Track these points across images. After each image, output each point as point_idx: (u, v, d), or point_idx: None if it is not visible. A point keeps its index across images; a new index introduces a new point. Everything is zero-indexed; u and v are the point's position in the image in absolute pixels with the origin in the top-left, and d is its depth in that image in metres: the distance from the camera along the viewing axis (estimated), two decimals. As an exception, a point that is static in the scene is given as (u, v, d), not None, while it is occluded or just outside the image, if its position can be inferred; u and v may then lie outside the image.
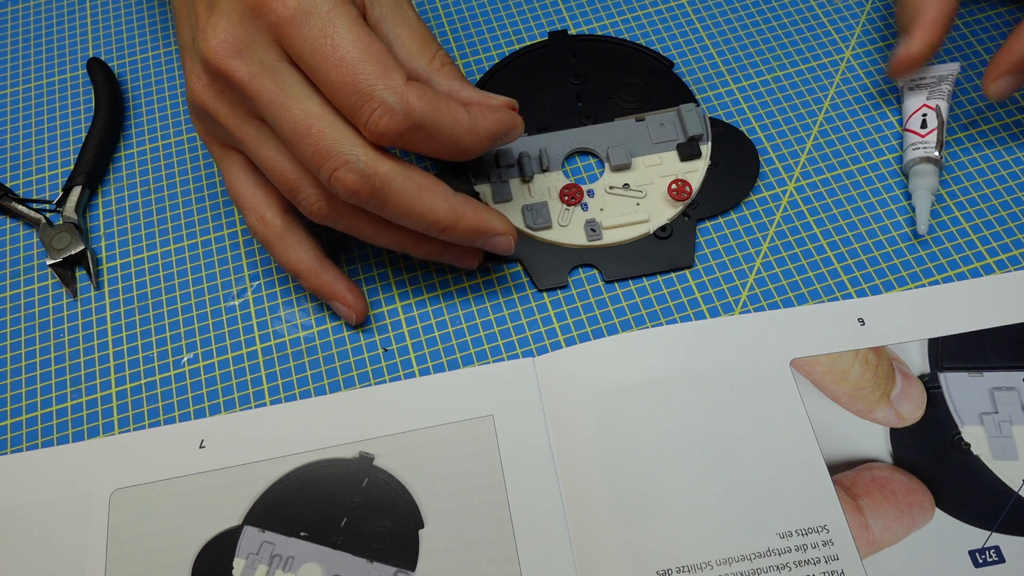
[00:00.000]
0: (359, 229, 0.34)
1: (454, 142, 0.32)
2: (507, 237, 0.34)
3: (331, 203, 0.33)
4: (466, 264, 0.36)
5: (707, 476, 0.32)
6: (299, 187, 0.32)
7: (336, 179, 0.30)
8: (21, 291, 0.39)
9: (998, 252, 0.37)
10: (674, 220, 0.38)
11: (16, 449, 0.35)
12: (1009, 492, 0.31)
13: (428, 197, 0.32)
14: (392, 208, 0.32)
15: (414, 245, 0.35)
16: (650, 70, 0.42)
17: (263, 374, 0.36)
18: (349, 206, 0.33)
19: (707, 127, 0.40)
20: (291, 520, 0.32)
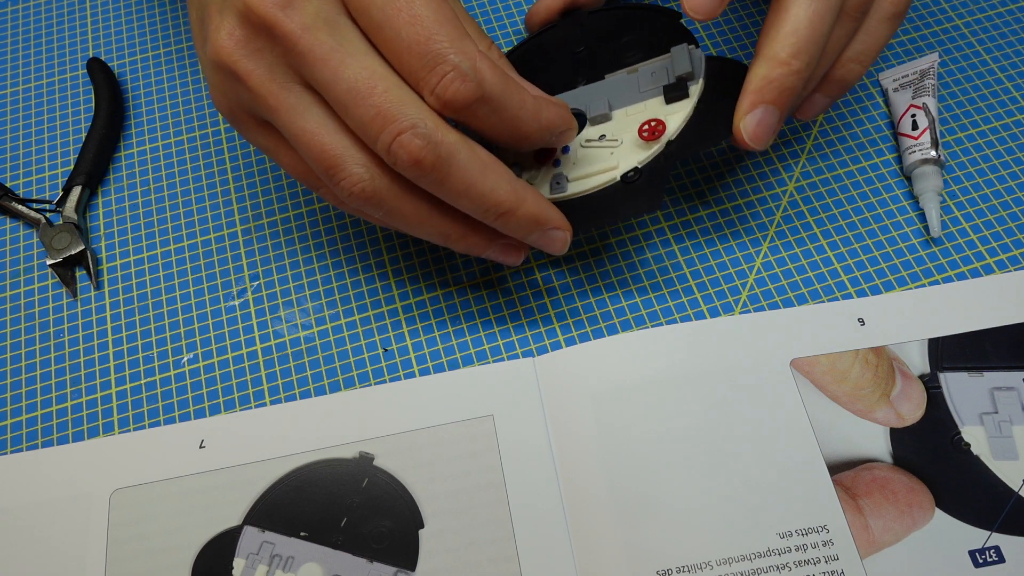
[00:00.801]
0: (403, 214, 0.31)
1: (516, 125, 0.30)
2: (564, 233, 0.32)
3: (378, 182, 0.29)
4: (511, 259, 0.34)
5: (707, 476, 0.32)
6: (342, 163, 0.29)
7: (400, 144, 0.27)
8: (21, 291, 0.39)
9: (998, 252, 0.37)
10: (646, 163, 0.33)
11: (16, 449, 0.35)
12: (1009, 492, 0.31)
13: (492, 176, 0.29)
14: (453, 183, 0.29)
15: (460, 236, 0.32)
16: (657, 26, 0.38)
17: (263, 374, 0.36)
18: (397, 186, 0.30)
19: (700, 65, 0.35)
20: (291, 520, 0.32)
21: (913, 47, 0.43)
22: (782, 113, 0.32)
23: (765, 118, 0.32)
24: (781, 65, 0.31)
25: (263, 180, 0.41)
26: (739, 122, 0.32)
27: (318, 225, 0.40)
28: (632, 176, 0.33)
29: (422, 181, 0.29)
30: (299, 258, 0.39)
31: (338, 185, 0.29)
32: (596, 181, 0.34)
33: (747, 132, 0.32)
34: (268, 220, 0.40)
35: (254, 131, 0.32)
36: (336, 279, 0.38)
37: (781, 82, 0.31)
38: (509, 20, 0.46)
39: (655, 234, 0.39)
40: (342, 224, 0.40)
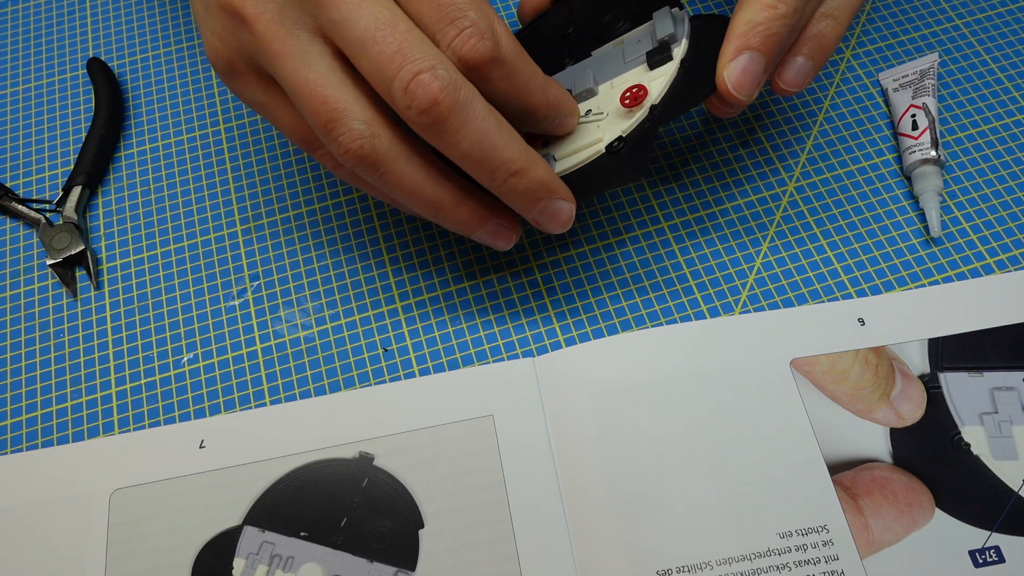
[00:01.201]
0: (398, 179, 0.29)
1: (526, 94, 0.29)
2: (570, 206, 0.31)
3: (377, 142, 0.28)
4: (502, 241, 0.33)
5: (707, 476, 0.32)
6: (342, 118, 0.28)
7: (419, 83, 0.26)
8: (21, 291, 0.39)
9: (998, 252, 0.37)
10: (630, 131, 0.32)
11: (16, 449, 0.35)
12: (1009, 492, 0.31)
13: (506, 131, 0.28)
14: (466, 133, 0.27)
15: (453, 206, 0.31)
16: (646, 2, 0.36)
17: (263, 374, 0.36)
18: (397, 147, 0.29)
19: (683, 26, 0.33)
20: (291, 520, 0.32)
21: (913, 47, 0.43)
22: (767, 61, 0.31)
23: (749, 66, 0.30)
24: (766, 8, 0.30)
25: (263, 180, 0.41)
26: (722, 70, 0.31)
27: (318, 225, 0.40)
28: (616, 145, 0.32)
29: (433, 129, 0.27)
30: (299, 258, 0.39)
31: (336, 141, 0.28)
32: (583, 155, 0.33)
33: (731, 81, 0.31)
34: (268, 220, 0.40)
35: (251, 85, 0.30)
36: (336, 279, 0.38)
37: (767, 26, 0.30)
38: (506, 14, 0.46)
39: (655, 234, 0.39)
40: (342, 224, 0.40)
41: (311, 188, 0.41)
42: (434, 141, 0.28)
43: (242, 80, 0.31)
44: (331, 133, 0.28)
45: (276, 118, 0.31)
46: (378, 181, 0.29)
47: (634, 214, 0.39)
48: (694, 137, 0.41)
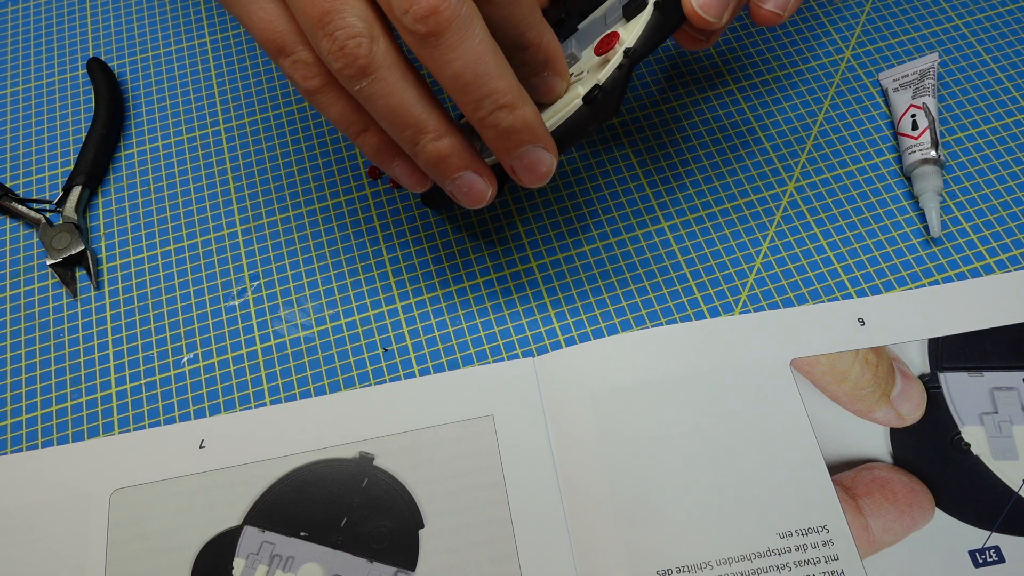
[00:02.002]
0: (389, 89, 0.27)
1: (524, 27, 0.28)
2: (551, 158, 0.29)
3: (375, 44, 0.26)
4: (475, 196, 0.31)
5: (707, 476, 0.32)
6: (343, 8, 0.25)
7: None
8: (21, 291, 0.39)
9: (998, 252, 0.37)
10: (606, 78, 0.31)
11: (16, 449, 0.35)
12: (1009, 492, 0.31)
13: (502, 61, 0.27)
14: (461, 52, 0.26)
15: (438, 134, 0.29)
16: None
17: (263, 374, 0.36)
18: (394, 54, 0.27)
19: None
20: (291, 520, 0.32)
21: (913, 47, 0.43)
22: None
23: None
24: None
25: (263, 180, 0.41)
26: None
27: (318, 225, 0.40)
28: (594, 94, 0.31)
29: (428, 40, 0.26)
30: (299, 258, 0.39)
31: (330, 36, 0.26)
32: (563, 112, 0.32)
33: (696, 2, 0.29)
34: (268, 220, 0.40)
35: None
36: (336, 279, 0.38)
37: None
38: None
39: (655, 234, 0.39)
40: (342, 224, 0.40)
41: (311, 188, 0.41)
42: (425, 56, 0.26)
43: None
44: (326, 26, 0.26)
45: (249, 14, 0.29)
46: (363, 91, 0.27)
47: (634, 214, 0.39)
48: (694, 137, 0.41)
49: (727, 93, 0.42)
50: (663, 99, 0.43)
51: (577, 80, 0.33)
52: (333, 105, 0.29)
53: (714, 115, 0.42)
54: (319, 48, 0.27)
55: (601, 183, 0.40)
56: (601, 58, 0.32)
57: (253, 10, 0.28)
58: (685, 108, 0.42)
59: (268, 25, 0.28)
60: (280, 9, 0.28)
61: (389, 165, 0.31)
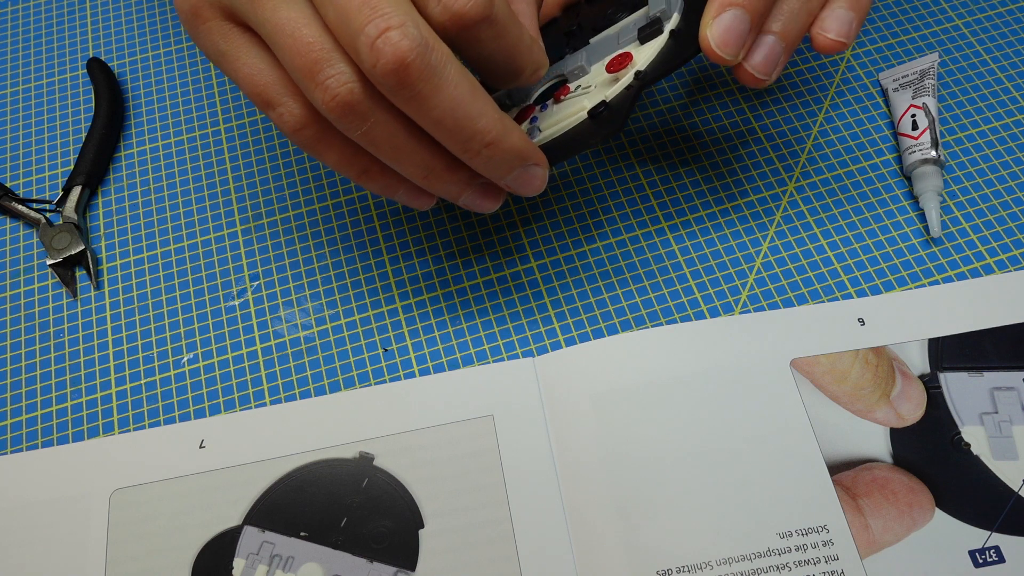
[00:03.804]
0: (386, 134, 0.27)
1: (514, 56, 0.28)
2: (544, 171, 0.30)
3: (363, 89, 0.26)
4: (490, 203, 0.31)
5: (707, 476, 0.32)
6: (329, 60, 0.25)
7: (387, 40, 0.24)
8: (21, 291, 0.39)
9: (998, 252, 0.37)
10: (614, 96, 0.32)
11: (16, 449, 0.35)
12: (1009, 492, 0.31)
13: (480, 98, 0.26)
14: (438, 101, 0.26)
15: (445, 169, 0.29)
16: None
17: (263, 374, 0.36)
18: (377, 101, 0.26)
19: (677, 3, 0.33)
20: (291, 520, 0.32)
21: (913, 47, 0.43)
22: (752, 18, 0.29)
23: (733, 23, 0.29)
24: None
25: (263, 180, 0.41)
26: (705, 28, 0.29)
27: (318, 225, 0.40)
28: (599, 109, 0.32)
29: (401, 93, 0.25)
30: (299, 258, 0.39)
31: (321, 85, 0.26)
32: (567, 123, 0.33)
33: (714, 39, 0.29)
34: (268, 220, 0.40)
35: (214, 32, 0.29)
36: (336, 279, 0.38)
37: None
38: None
39: (655, 234, 0.39)
40: (342, 224, 0.40)
41: (311, 188, 0.41)
42: (403, 106, 0.26)
43: (205, 26, 0.29)
44: (316, 76, 0.26)
45: (235, 68, 0.29)
46: (365, 136, 0.27)
47: (634, 214, 0.39)
48: (694, 137, 0.41)
49: (727, 93, 0.42)
50: (663, 99, 0.43)
51: (584, 93, 0.34)
52: (329, 151, 0.29)
53: (714, 115, 0.42)
54: (313, 99, 0.26)
55: (601, 183, 0.40)
56: (611, 76, 0.33)
57: (239, 66, 0.29)
58: (685, 108, 0.42)
59: (252, 79, 0.28)
60: (266, 60, 0.28)
61: (394, 196, 0.31)
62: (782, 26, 0.30)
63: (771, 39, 0.30)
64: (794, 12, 0.30)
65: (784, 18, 0.30)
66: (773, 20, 0.30)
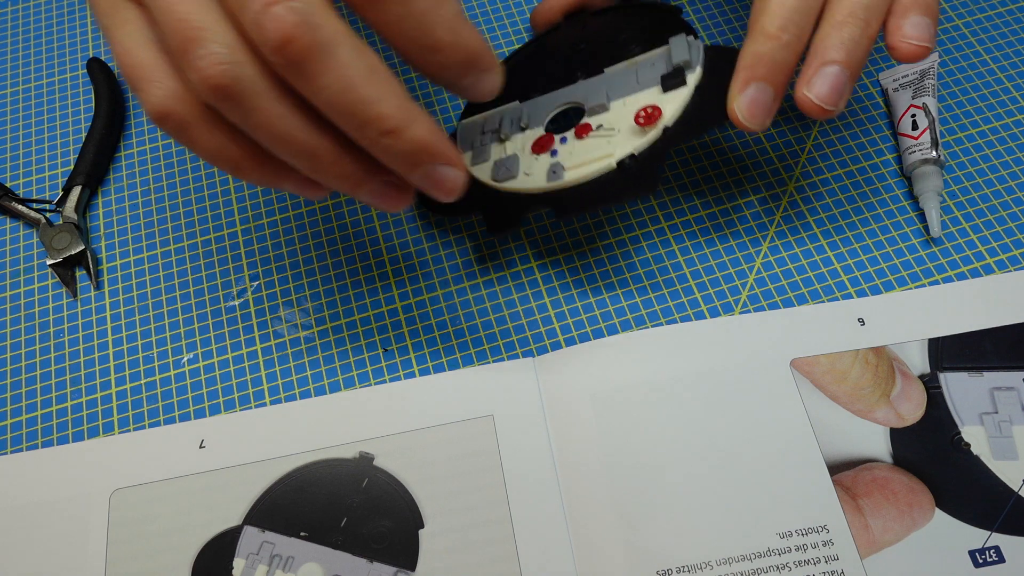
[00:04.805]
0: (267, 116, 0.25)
1: (428, 26, 0.25)
2: (458, 173, 0.27)
3: (241, 69, 0.24)
4: (391, 203, 0.28)
5: (707, 476, 0.32)
6: (205, 36, 0.24)
7: (272, 16, 0.23)
8: (21, 291, 0.39)
9: (998, 252, 0.37)
10: (643, 150, 0.33)
11: (16, 449, 0.35)
12: (1009, 492, 0.31)
13: (379, 83, 0.24)
14: (327, 80, 0.24)
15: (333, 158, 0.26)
16: (656, 21, 0.38)
17: (263, 374, 0.36)
18: (266, 80, 0.25)
19: (698, 54, 0.34)
20: (291, 520, 0.32)
21: (913, 47, 0.43)
22: (776, 90, 0.31)
23: (758, 96, 0.31)
24: (770, 39, 0.30)
25: (263, 180, 0.41)
26: (732, 101, 0.31)
27: (318, 225, 0.40)
28: (628, 162, 0.33)
29: (290, 71, 0.24)
30: (299, 258, 0.39)
31: (192, 66, 0.24)
32: (592, 168, 0.33)
33: (741, 112, 0.31)
34: (268, 220, 0.40)
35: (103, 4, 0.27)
36: (336, 279, 0.38)
37: (771, 56, 0.30)
38: (510, 22, 0.46)
39: (655, 234, 0.39)
40: (342, 224, 0.40)
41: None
42: (295, 85, 0.24)
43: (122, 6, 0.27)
44: (188, 55, 0.24)
45: (111, 44, 0.27)
46: (244, 121, 0.25)
47: (634, 214, 0.39)
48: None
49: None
50: (663, 99, 0.43)
51: (606, 135, 0.34)
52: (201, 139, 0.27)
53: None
54: (189, 78, 0.25)
55: (601, 183, 0.40)
56: (639, 127, 0.33)
57: (114, 42, 0.27)
58: (685, 108, 0.42)
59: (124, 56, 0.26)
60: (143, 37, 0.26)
61: (281, 186, 0.29)
62: (845, 54, 0.30)
63: (835, 69, 0.30)
64: (855, 39, 0.30)
65: (847, 46, 0.30)
66: (834, 49, 0.30)
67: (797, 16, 0.30)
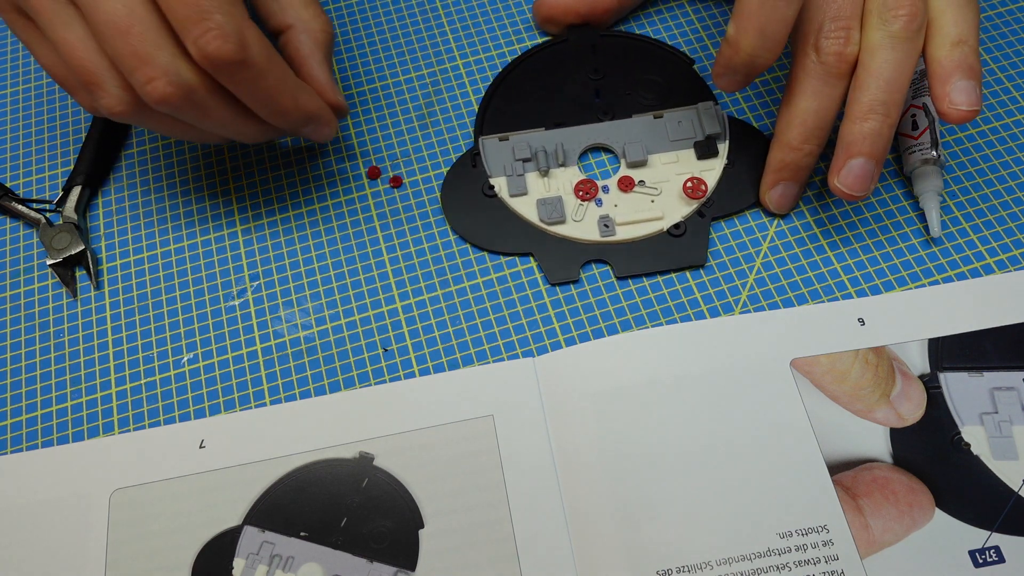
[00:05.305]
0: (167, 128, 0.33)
1: (273, 97, 0.32)
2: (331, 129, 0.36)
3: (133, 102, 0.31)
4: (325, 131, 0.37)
5: (707, 476, 0.32)
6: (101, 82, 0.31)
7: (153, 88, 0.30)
8: (21, 291, 0.39)
9: (998, 252, 0.37)
10: (688, 218, 0.38)
11: (16, 449, 0.35)
12: (1009, 492, 0.31)
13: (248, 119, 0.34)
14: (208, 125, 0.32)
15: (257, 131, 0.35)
16: (670, 67, 0.42)
17: (263, 374, 0.36)
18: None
19: (725, 126, 0.40)
20: (291, 520, 0.32)
21: (913, 47, 0.43)
22: (799, 186, 0.37)
23: (786, 192, 0.37)
24: (794, 151, 0.35)
25: (263, 180, 0.41)
26: (764, 195, 0.38)
27: (318, 225, 0.40)
28: (677, 231, 0.37)
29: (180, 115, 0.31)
30: (299, 258, 0.39)
31: (98, 103, 0.31)
32: (643, 230, 0.37)
33: (772, 204, 0.38)
34: (268, 220, 0.40)
35: (16, 23, 0.33)
36: (336, 279, 0.38)
37: (795, 164, 0.36)
38: (510, 22, 0.46)
39: (655, 234, 0.38)
40: (342, 224, 0.40)
41: (311, 188, 0.41)
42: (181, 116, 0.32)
43: (4, 13, 0.33)
44: (93, 94, 0.31)
45: (36, 55, 0.33)
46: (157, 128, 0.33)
47: (634, 214, 0.39)
48: (694, 137, 0.41)
49: (728, 93, 0.42)
50: (663, 99, 0.43)
51: (650, 193, 0.38)
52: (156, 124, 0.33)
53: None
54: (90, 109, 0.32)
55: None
56: (685, 197, 0.38)
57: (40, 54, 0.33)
58: (685, 108, 0.42)
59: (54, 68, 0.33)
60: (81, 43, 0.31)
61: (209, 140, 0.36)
62: (869, 147, 0.33)
63: (860, 161, 0.33)
64: (876, 131, 0.33)
65: (869, 139, 0.33)
66: (858, 143, 0.33)
67: (817, 131, 0.35)
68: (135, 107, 0.31)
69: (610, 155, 0.40)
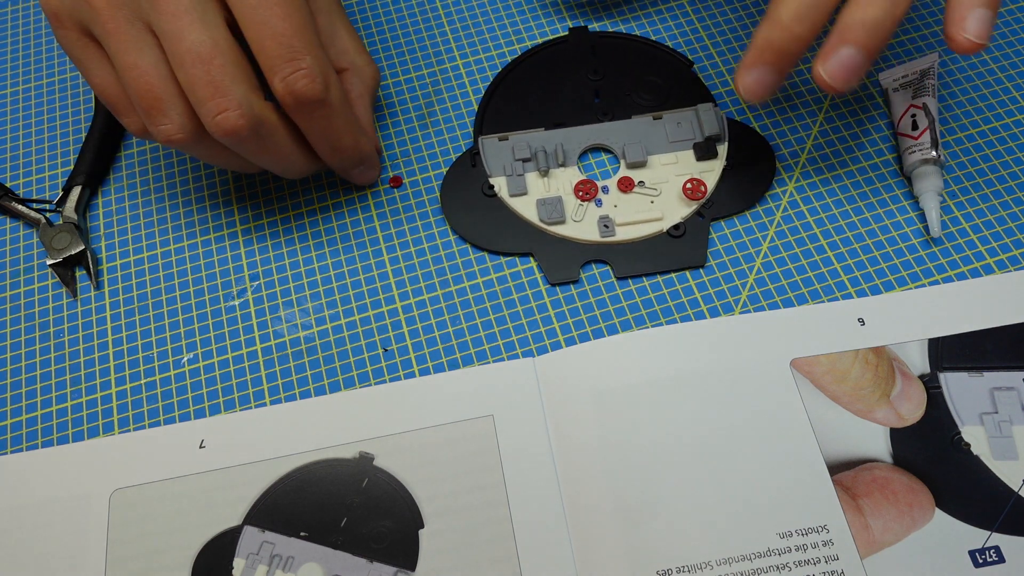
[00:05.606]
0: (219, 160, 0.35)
1: (338, 136, 0.35)
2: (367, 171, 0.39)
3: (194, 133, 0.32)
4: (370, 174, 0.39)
5: (707, 476, 0.32)
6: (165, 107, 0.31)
7: (224, 118, 0.31)
8: (21, 291, 0.39)
9: (998, 252, 0.37)
10: (688, 219, 0.38)
11: (16, 449, 0.35)
12: (1009, 492, 0.31)
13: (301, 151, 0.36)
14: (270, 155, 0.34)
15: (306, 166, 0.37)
16: (669, 68, 0.42)
17: (263, 374, 0.36)
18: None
19: (724, 127, 0.40)
20: (291, 520, 0.32)
21: (913, 47, 0.43)
22: (779, 74, 0.33)
23: (761, 77, 0.33)
24: (783, 30, 0.32)
25: (263, 180, 0.41)
26: (738, 77, 0.34)
27: (318, 225, 0.40)
28: (677, 232, 0.37)
29: (237, 146, 0.32)
30: (299, 258, 0.39)
31: (156, 128, 0.32)
32: (643, 230, 0.37)
33: (744, 88, 0.34)
34: (268, 220, 0.40)
35: (71, 40, 0.33)
36: (336, 279, 0.38)
37: (781, 45, 0.32)
38: (510, 22, 0.46)
39: (655, 234, 0.38)
40: (342, 224, 0.40)
41: (311, 188, 0.41)
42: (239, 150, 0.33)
43: (64, 30, 0.33)
44: (153, 119, 0.32)
45: (90, 75, 0.33)
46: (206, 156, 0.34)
47: (634, 214, 0.39)
48: (694, 137, 0.41)
49: (727, 93, 0.42)
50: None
51: (649, 193, 0.38)
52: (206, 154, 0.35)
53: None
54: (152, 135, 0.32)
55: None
56: (685, 198, 0.38)
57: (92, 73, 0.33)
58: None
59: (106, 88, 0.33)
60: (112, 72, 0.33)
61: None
62: (866, 36, 0.30)
63: (852, 51, 0.31)
64: (878, 21, 0.30)
65: (868, 28, 0.30)
66: (855, 30, 0.31)
67: (812, 12, 0.31)
68: (194, 136, 0.32)
69: (610, 155, 0.40)
